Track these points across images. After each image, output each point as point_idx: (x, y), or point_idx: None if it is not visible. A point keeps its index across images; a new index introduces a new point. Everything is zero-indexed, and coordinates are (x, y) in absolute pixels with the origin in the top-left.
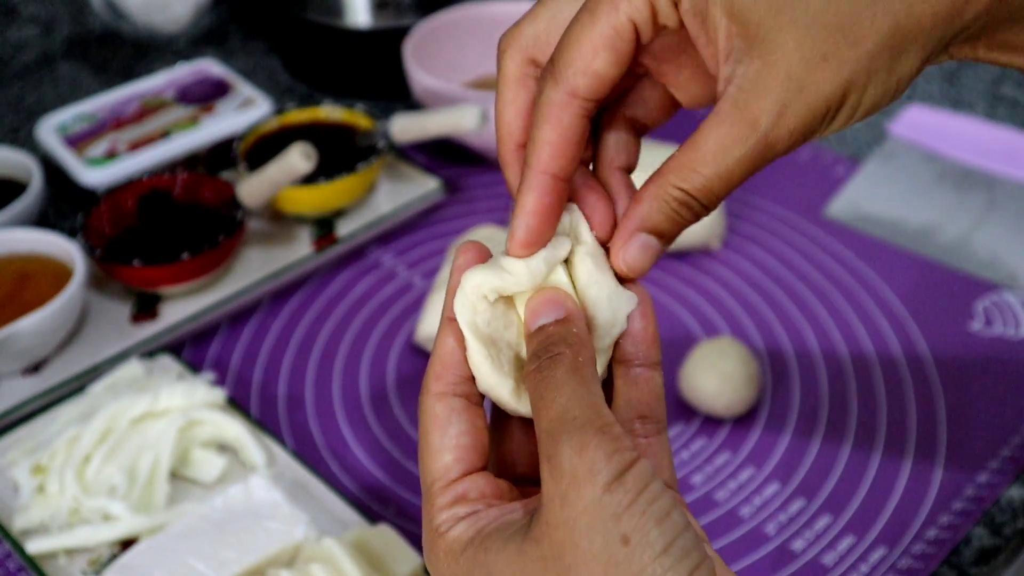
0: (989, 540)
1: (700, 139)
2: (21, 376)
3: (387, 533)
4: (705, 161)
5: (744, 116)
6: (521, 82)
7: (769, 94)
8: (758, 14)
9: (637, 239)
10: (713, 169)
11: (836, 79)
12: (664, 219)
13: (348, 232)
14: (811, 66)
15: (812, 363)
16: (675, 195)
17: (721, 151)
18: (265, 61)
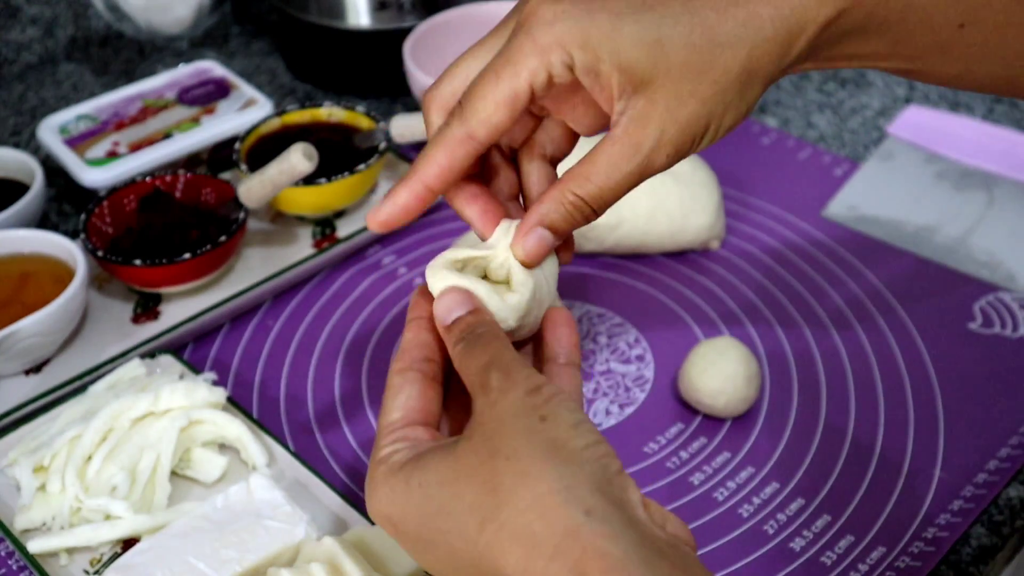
0: (987, 539)
1: (596, 156)
2: (23, 376)
3: (387, 533)
4: (598, 173)
5: (632, 140)
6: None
7: (651, 123)
8: (641, 65)
9: (535, 232)
10: (604, 180)
11: (701, 110)
12: (559, 218)
13: (348, 232)
14: (682, 101)
15: (811, 363)
16: (571, 199)
17: (612, 166)
18: (266, 62)
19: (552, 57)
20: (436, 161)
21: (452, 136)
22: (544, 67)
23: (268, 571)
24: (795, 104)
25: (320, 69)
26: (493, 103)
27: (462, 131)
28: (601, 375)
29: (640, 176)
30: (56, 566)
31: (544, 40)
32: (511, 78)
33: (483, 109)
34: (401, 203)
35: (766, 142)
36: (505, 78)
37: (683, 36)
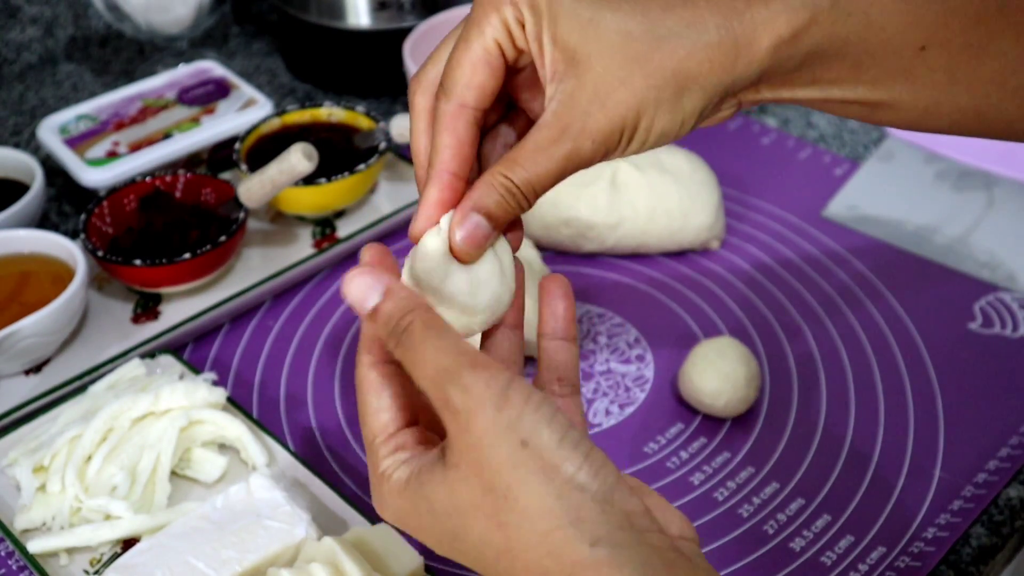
0: (987, 539)
1: (525, 141)
2: (23, 376)
3: (387, 533)
4: (526, 158)
5: (559, 124)
6: (431, 114)
7: (578, 107)
8: (574, 41)
9: (471, 219)
10: (532, 165)
11: (630, 100)
12: (492, 203)
13: (348, 232)
14: (611, 87)
15: (811, 363)
16: (501, 182)
17: (539, 150)
18: (266, 62)
19: (507, 12)
20: (445, 144)
21: (446, 114)
22: (502, 22)
23: (268, 571)
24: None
25: (320, 69)
26: (469, 66)
27: (452, 105)
28: (601, 375)
29: (567, 162)
30: (56, 566)
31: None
32: (478, 38)
33: (462, 75)
34: (435, 200)
35: (766, 142)
36: (473, 39)
37: (621, 21)
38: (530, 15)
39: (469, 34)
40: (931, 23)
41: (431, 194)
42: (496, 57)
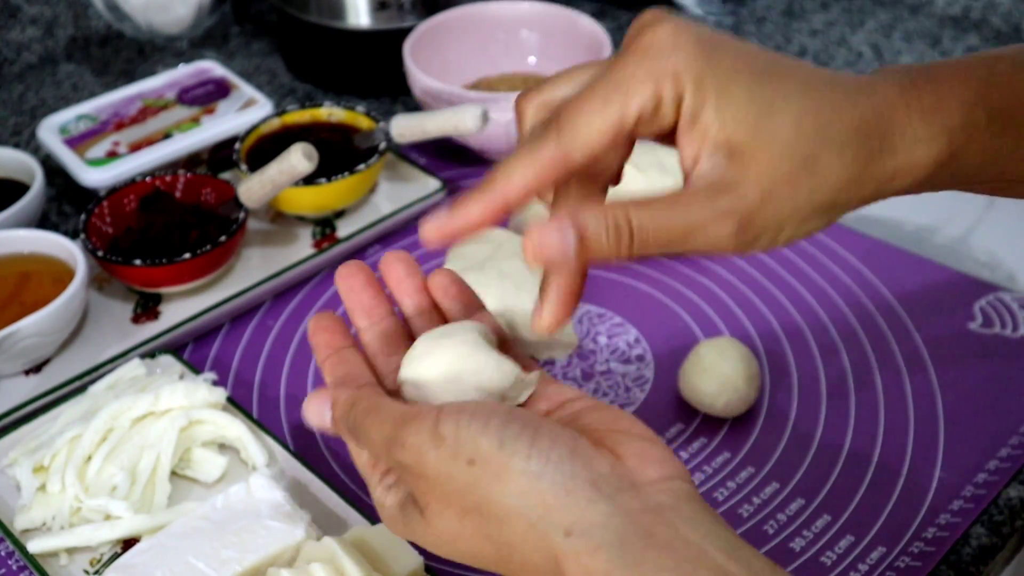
0: (987, 539)
1: (666, 196)
2: (23, 376)
3: (387, 533)
4: (661, 208)
5: (710, 197)
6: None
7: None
8: (741, 132)
9: (561, 225)
10: (663, 218)
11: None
12: (594, 230)
13: (348, 232)
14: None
15: (811, 363)
16: (619, 217)
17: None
18: (266, 62)
19: (665, 88)
20: (524, 177)
21: (545, 154)
22: (654, 97)
23: (268, 571)
24: None
25: (320, 69)
26: (598, 128)
27: (559, 151)
28: (601, 375)
29: (692, 232)
30: (56, 566)
31: (660, 69)
32: (620, 104)
33: (586, 132)
34: (474, 217)
35: None
36: (615, 103)
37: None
38: (694, 94)
39: (611, 93)
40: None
41: (473, 209)
42: (628, 128)
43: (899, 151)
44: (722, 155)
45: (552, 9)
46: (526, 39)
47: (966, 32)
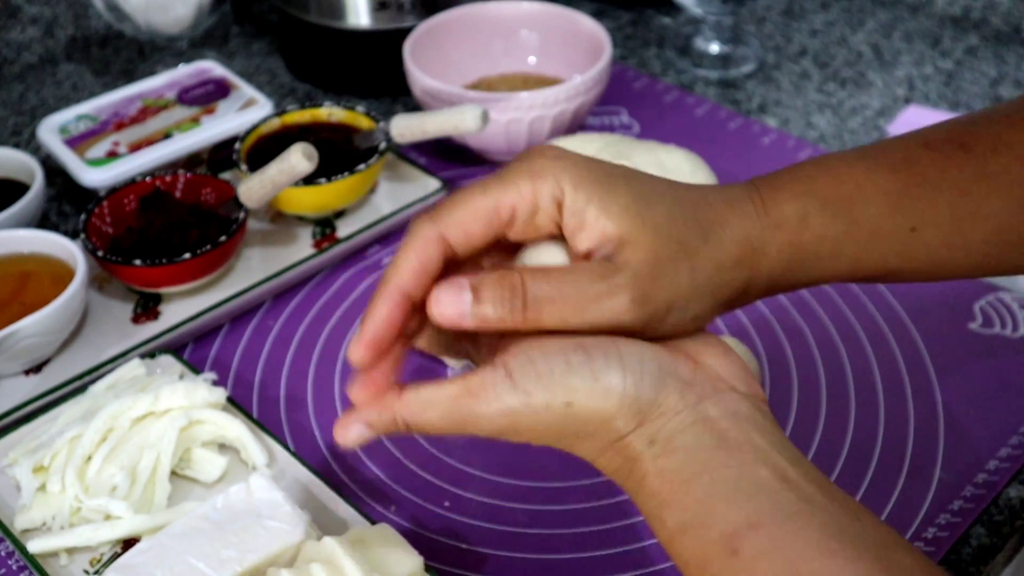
0: (987, 539)
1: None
2: (23, 376)
3: (387, 533)
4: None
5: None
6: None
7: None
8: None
9: (458, 285)
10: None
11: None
12: (490, 290)
13: (348, 232)
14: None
15: (811, 363)
16: (515, 283)
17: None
18: (266, 62)
19: (544, 186)
20: (408, 261)
21: (422, 234)
22: (532, 193)
23: (268, 571)
24: (795, 104)
25: (320, 69)
26: (472, 209)
27: (434, 230)
28: None
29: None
30: (56, 566)
31: (541, 170)
32: (497, 193)
33: (460, 212)
34: (383, 316)
35: (766, 142)
36: (492, 192)
37: (667, 208)
38: (573, 193)
39: (490, 185)
40: (916, 205)
41: (379, 310)
42: (503, 218)
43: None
44: (612, 245)
45: (552, 9)
46: (526, 39)
47: (966, 32)
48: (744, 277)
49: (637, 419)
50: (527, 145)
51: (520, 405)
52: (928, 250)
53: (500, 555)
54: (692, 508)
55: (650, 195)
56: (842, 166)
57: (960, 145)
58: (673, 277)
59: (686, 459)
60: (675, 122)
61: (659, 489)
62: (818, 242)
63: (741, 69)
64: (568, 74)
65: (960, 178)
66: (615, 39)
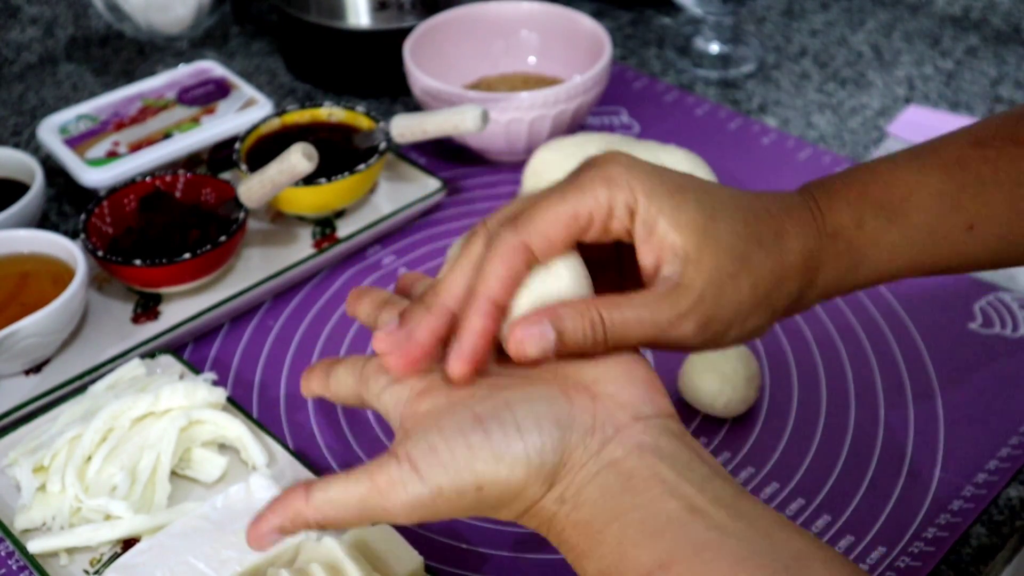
0: (987, 539)
1: (634, 294)
2: (23, 376)
3: (387, 533)
4: (632, 307)
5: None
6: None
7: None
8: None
9: (541, 325)
10: (633, 316)
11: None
12: (571, 324)
13: (348, 232)
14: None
15: (811, 363)
16: (594, 315)
17: (646, 307)
18: (266, 62)
19: (620, 194)
20: (498, 273)
21: (508, 243)
22: (608, 200)
23: (268, 571)
24: (795, 104)
25: (320, 69)
26: (553, 217)
27: (516, 239)
28: None
29: (660, 332)
30: (56, 566)
31: (616, 178)
32: (576, 200)
33: (541, 220)
34: (480, 329)
35: (766, 142)
36: (570, 199)
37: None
38: (646, 203)
39: (567, 191)
40: (972, 204)
41: (475, 323)
42: (582, 224)
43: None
44: (679, 260)
45: (552, 9)
46: (526, 39)
47: (966, 32)
48: (801, 286)
49: (547, 483)
50: (527, 145)
51: (431, 497)
52: (986, 245)
53: (500, 555)
54: (607, 556)
55: (716, 210)
56: (894, 169)
57: (1012, 140)
58: (735, 295)
59: (595, 511)
60: (675, 122)
61: (576, 542)
62: (875, 247)
63: (741, 69)
64: (568, 74)
65: (1014, 173)
66: (615, 39)
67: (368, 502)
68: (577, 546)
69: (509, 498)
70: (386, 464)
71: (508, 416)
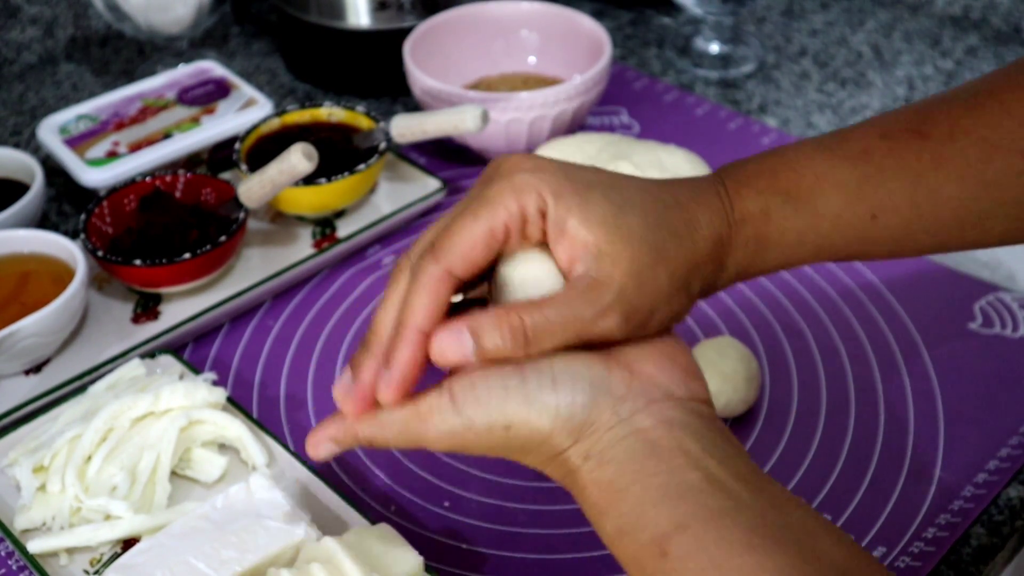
0: (987, 539)
1: (553, 295)
2: (23, 376)
3: (387, 533)
4: (552, 307)
5: (594, 291)
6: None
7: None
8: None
9: (459, 332)
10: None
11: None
12: (489, 335)
13: (348, 232)
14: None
15: (811, 363)
16: (513, 321)
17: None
18: (266, 62)
19: (528, 200)
20: (423, 304)
21: (431, 275)
22: (519, 209)
23: (268, 571)
24: (795, 104)
25: (320, 69)
26: (470, 239)
27: (439, 269)
28: None
29: (584, 329)
30: (56, 566)
31: (523, 185)
32: (488, 216)
33: (460, 244)
34: (408, 359)
35: (766, 142)
36: (482, 216)
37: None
38: (554, 204)
39: (479, 210)
40: (876, 194)
41: (403, 353)
42: (498, 239)
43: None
44: (592, 256)
45: (552, 9)
46: (526, 39)
47: (966, 32)
48: (713, 270)
49: (573, 437)
50: (527, 145)
51: (463, 428)
52: (889, 234)
53: (500, 555)
54: (626, 515)
55: (625, 203)
56: (802, 159)
57: (917, 133)
58: (653, 284)
59: (619, 471)
60: (675, 122)
61: (597, 499)
62: (781, 234)
63: (741, 69)
64: (568, 74)
65: (918, 166)
66: (615, 39)
67: (410, 424)
68: (598, 503)
69: (535, 443)
70: (431, 393)
71: (547, 369)
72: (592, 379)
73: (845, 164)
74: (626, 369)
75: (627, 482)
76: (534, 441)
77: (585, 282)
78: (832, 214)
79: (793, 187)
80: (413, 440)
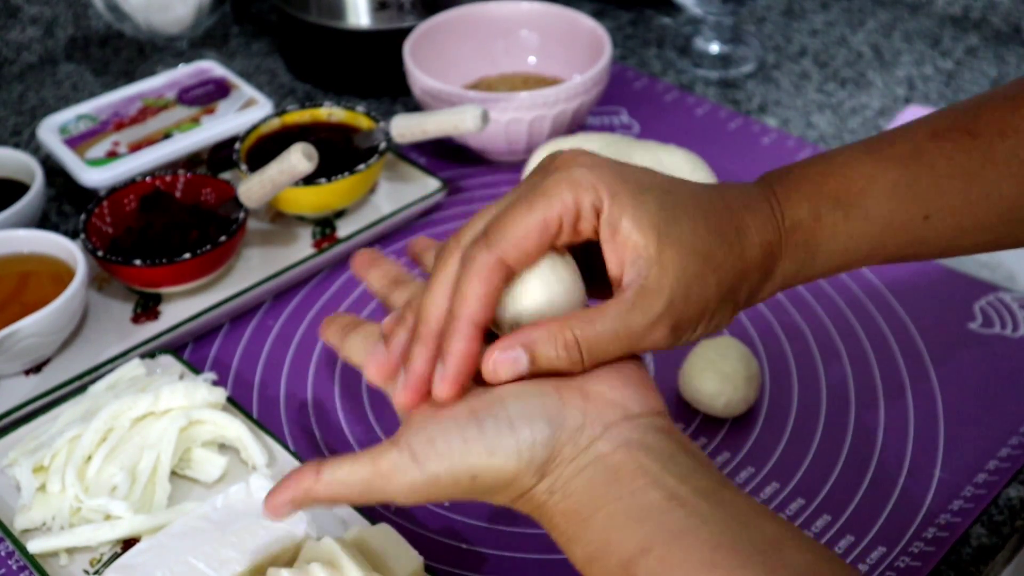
0: (987, 539)
1: (605, 307)
2: (23, 376)
3: (387, 533)
4: (605, 320)
5: (645, 301)
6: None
7: (664, 293)
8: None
9: (513, 351)
10: (608, 329)
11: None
12: (544, 352)
13: (348, 232)
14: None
15: (811, 363)
16: (568, 337)
17: (620, 319)
18: (266, 62)
19: (584, 195)
20: (476, 294)
21: (484, 262)
22: (575, 203)
23: (268, 571)
24: (795, 104)
25: (320, 69)
26: (524, 228)
27: (492, 257)
28: None
29: (635, 340)
30: (56, 566)
31: (580, 179)
32: (544, 208)
33: (513, 234)
34: (465, 351)
35: (766, 142)
36: (538, 208)
37: (692, 223)
38: (610, 203)
39: (535, 200)
40: (927, 195)
41: (459, 346)
42: (552, 231)
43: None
44: (643, 262)
45: (552, 9)
46: (526, 39)
47: (966, 32)
48: (760, 278)
49: (538, 475)
50: (527, 145)
51: (428, 484)
52: (941, 234)
53: (500, 555)
54: (594, 541)
55: (677, 208)
56: (852, 162)
57: (967, 132)
58: (701, 293)
59: (583, 500)
60: (675, 122)
61: (565, 528)
62: (832, 239)
63: (741, 69)
64: (568, 74)
65: (969, 164)
66: (615, 39)
67: (371, 484)
68: (566, 532)
69: (501, 486)
70: (388, 451)
71: (502, 412)
72: (548, 415)
73: (894, 166)
74: (579, 394)
75: (592, 510)
76: (500, 484)
77: (634, 290)
78: (883, 217)
79: (843, 191)
80: (376, 498)
